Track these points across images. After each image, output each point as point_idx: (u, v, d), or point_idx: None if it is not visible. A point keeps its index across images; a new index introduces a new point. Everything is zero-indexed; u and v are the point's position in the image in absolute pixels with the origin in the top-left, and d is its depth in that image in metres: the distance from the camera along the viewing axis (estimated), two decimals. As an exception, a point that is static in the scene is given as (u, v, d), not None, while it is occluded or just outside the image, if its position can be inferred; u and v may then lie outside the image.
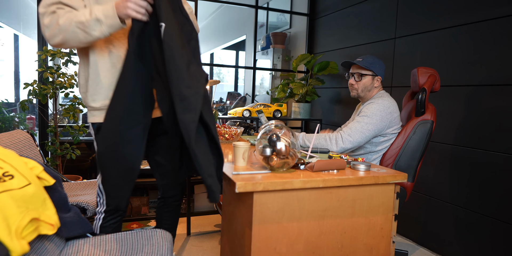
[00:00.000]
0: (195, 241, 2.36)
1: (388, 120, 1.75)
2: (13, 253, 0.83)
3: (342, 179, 1.18)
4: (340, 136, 1.71)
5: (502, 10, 1.92)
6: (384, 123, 1.74)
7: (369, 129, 1.71)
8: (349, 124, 1.85)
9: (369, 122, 1.71)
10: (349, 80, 1.89)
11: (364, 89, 1.85)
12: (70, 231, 1.24)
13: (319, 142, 1.72)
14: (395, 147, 1.78)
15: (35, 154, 1.95)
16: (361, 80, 1.84)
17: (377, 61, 1.84)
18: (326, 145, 1.71)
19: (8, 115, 3.11)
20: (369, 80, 1.84)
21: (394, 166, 1.77)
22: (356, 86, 1.86)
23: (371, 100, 1.81)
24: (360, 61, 1.83)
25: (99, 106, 1.39)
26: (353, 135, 1.70)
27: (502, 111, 1.92)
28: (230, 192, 1.40)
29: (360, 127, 1.71)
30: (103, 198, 1.46)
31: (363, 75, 1.83)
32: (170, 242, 1.33)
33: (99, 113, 1.39)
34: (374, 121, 1.71)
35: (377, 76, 1.83)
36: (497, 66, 1.95)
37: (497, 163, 1.94)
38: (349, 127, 1.73)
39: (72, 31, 1.22)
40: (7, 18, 3.86)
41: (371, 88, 1.85)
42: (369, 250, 1.29)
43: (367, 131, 1.71)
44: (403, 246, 2.41)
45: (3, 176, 0.93)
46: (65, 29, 1.22)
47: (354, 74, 1.85)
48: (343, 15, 3.27)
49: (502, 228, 1.92)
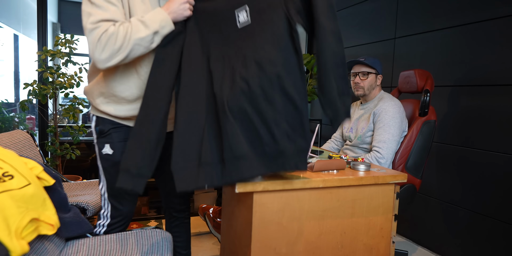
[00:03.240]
0: (195, 241, 2.36)
1: (405, 122, 1.82)
2: (13, 253, 0.83)
3: (342, 179, 1.18)
4: (379, 155, 1.72)
5: (503, 10, 1.92)
6: (403, 125, 1.81)
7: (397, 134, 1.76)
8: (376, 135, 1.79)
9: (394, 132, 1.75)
10: (354, 79, 1.91)
11: (369, 87, 1.89)
12: (70, 231, 1.24)
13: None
14: (405, 147, 1.83)
15: (35, 154, 1.95)
16: (367, 78, 1.87)
17: (377, 60, 1.90)
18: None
19: (8, 115, 3.11)
20: (373, 78, 1.88)
21: (406, 166, 1.80)
22: (362, 85, 1.89)
23: (382, 105, 1.80)
24: (363, 60, 1.87)
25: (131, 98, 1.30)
26: (387, 148, 1.73)
27: (503, 111, 1.92)
28: (230, 192, 1.40)
29: (390, 136, 1.74)
30: (107, 209, 1.40)
31: (368, 73, 1.86)
32: (170, 242, 1.33)
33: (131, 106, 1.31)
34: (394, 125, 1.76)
35: (379, 75, 1.88)
36: (498, 66, 1.95)
37: (497, 163, 1.94)
38: (381, 141, 1.74)
39: (131, 49, 1.13)
40: (7, 18, 3.86)
41: (375, 86, 1.90)
42: (369, 250, 1.29)
43: (398, 136, 1.77)
44: (403, 246, 2.41)
45: (3, 176, 0.93)
46: (124, 48, 1.12)
47: (359, 73, 1.87)
48: (343, 15, 3.27)
49: (501, 228, 1.92)
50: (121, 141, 1.35)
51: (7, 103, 3.89)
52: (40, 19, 2.63)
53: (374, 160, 1.72)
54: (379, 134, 1.75)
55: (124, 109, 1.32)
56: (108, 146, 1.35)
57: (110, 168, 1.36)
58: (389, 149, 1.72)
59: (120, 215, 1.41)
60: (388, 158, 1.73)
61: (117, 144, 1.35)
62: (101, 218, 1.43)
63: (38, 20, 2.63)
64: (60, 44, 2.54)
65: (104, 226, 1.41)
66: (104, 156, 1.36)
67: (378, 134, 1.76)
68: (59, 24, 5.54)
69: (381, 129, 1.75)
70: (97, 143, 1.38)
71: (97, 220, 1.45)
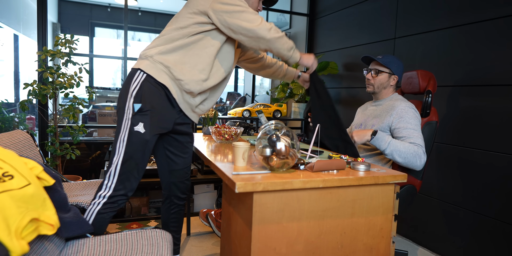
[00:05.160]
0: (195, 241, 2.36)
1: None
2: (13, 253, 0.83)
3: (342, 179, 1.18)
4: (423, 151, 1.63)
5: (503, 10, 1.92)
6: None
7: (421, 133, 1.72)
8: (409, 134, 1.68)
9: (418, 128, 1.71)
10: (367, 75, 1.91)
11: (379, 86, 1.87)
12: (70, 231, 1.24)
13: (407, 156, 1.62)
14: None
15: (34, 154, 1.95)
16: (378, 76, 1.86)
17: (396, 60, 1.86)
18: (414, 161, 1.62)
19: (8, 115, 3.11)
20: (385, 77, 1.86)
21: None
22: (372, 81, 1.88)
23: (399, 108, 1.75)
24: (379, 58, 1.86)
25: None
26: (425, 147, 1.67)
27: (503, 112, 1.92)
28: (230, 192, 1.40)
29: (422, 136, 1.69)
30: (113, 181, 1.46)
31: (380, 71, 1.85)
32: (170, 242, 1.33)
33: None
34: (419, 125, 1.73)
35: (394, 75, 1.85)
36: (498, 66, 1.95)
37: (498, 163, 1.94)
38: (418, 138, 1.66)
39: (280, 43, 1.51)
40: (7, 18, 3.86)
41: (387, 85, 1.88)
42: (369, 250, 1.29)
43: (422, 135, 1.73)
44: (403, 246, 2.41)
45: (3, 176, 0.93)
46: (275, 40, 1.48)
47: (372, 70, 1.87)
48: (343, 15, 3.27)
49: (502, 228, 1.92)
50: (153, 124, 1.48)
51: (7, 103, 3.89)
52: (40, 19, 2.63)
53: (420, 151, 1.62)
54: (411, 133, 1.66)
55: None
56: (142, 125, 1.45)
57: (137, 144, 1.46)
58: (425, 148, 1.67)
59: (123, 188, 1.47)
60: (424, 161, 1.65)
61: (150, 126, 1.47)
62: (102, 188, 1.48)
63: (38, 20, 2.63)
64: (60, 44, 2.54)
65: (105, 197, 1.46)
66: (135, 132, 1.45)
67: (410, 133, 1.66)
68: (59, 24, 5.55)
69: (410, 129, 1.67)
70: (131, 118, 1.46)
71: (97, 191, 1.48)
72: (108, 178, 1.47)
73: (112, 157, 1.48)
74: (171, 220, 1.81)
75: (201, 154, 1.58)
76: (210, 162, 1.38)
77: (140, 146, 1.47)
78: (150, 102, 1.47)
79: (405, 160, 1.62)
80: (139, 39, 6.44)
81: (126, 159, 1.46)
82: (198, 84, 1.53)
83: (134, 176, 1.49)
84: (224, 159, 1.42)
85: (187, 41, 1.50)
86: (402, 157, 1.62)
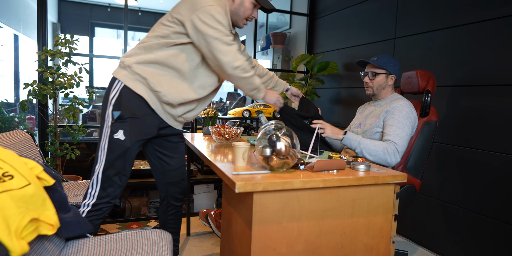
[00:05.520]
0: (195, 241, 2.36)
1: (415, 125, 1.79)
2: (13, 253, 0.83)
3: (342, 179, 1.18)
4: (396, 149, 1.65)
5: (503, 10, 1.92)
6: (414, 126, 1.77)
7: (409, 134, 1.72)
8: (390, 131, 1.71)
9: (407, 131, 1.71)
10: (364, 78, 1.91)
11: (378, 87, 1.88)
12: (70, 231, 1.24)
13: (377, 153, 1.64)
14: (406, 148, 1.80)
15: (34, 154, 1.95)
16: (375, 79, 1.87)
17: (391, 60, 1.86)
18: (384, 158, 1.64)
19: (8, 115, 3.11)
20: (383, 78, 1.86)
21: (406, 166, 1.80)
22: (371, 84, 1.88)
23: (396, 104, 1.77)
24: (374, 60, 1.86)
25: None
26: (402, 145, 1.67)
27: (503, 112, 1.92)
28: (230, 192, 1.40)
29: (405, 135, 1.69)
30: (96, 189, 1.46)
31: (376, 74, 1.85)
32: (170, 243, 1.33)
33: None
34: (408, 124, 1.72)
35: (391, 75, 1.86)
36: (498, 66, 1.95)
37: (497, 163, 1.95)
38: (397, 136, 1.68)
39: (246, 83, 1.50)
40: (7, 18, 3.87)
41: (386, 86, 1.88)
42: (369, 250, 1.29)
43: (409, 136, 1.73)
44: (403, 246, 2.41)
45: (3, 176, 0.93)
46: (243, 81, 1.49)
47: (368, 73, 1.88)
48: (343, 15, 3.27)
49: (502, 228, 1.92)
50: (133, 131, 1.46)
51: (7, 103, 3.89)
52: (40, 19, 2.63)
53: (393, 148, 1.64)
54: (393, 131, 1.69)
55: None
56: (122, 132, 1.45)
57: (117, 151, 1.45)
58: (403, 146, 1.67)
59: (107, 196, 1.47)
60: (402, 154, 1.67)
61: (130, 133, 1.46)
62: (87, 197, 1.48)
63: (38, 20, 2.63)
64: (60, 44, 2.54)
65: (89, 206, 1.46)
66: (115, 140, 1.45)
67: (392, 130, 1.70)
68: (59, 24, 5.55)
69: (394, 126, 1.70)
70: (110, 126, 1.45)
71: (82, 200, 1.49)
72: (91, 186, 1.48)
73: (95, 165, 1.48)
74: (169, 222, 1.81)
75: (201, 154, 1.58)
76: (210, 162, 1.38)
77: (121, 154, 1.45)
78: (130, 110, 1.46)
79: (375, 158, 1.65)
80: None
81: (107, 167, 1.46)
82: (178, 96, 1.50)
83: (117, 183, 1.48)
84: (224, 159, 1.42)
85: (165, 54, 1.47)
86: (372, 155, 1.65)
